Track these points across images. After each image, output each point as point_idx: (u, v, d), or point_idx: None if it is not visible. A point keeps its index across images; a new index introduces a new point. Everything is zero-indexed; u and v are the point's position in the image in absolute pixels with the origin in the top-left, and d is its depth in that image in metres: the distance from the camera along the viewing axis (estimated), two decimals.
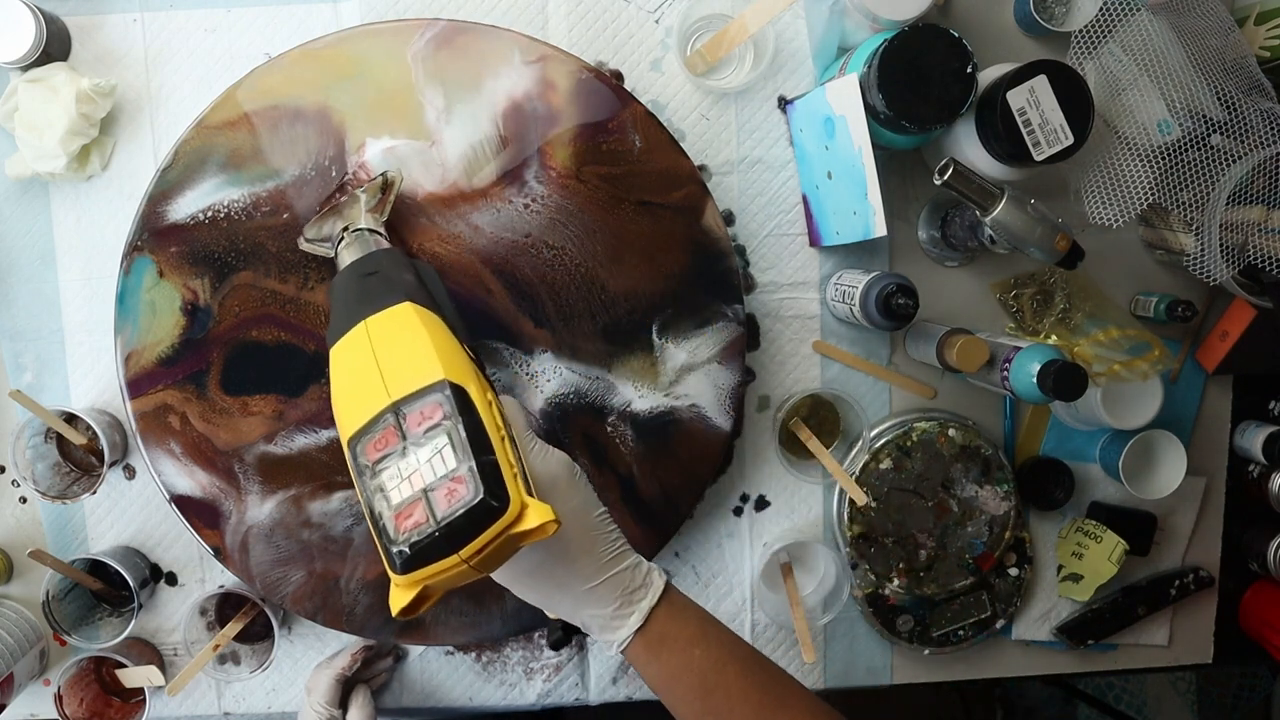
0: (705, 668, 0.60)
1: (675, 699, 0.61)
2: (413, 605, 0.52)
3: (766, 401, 0.91)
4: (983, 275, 0.92)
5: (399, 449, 0.52)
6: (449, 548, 0.49)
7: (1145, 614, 0.95)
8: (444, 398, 0.53)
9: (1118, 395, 0.88)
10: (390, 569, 0.51)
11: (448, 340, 0.59)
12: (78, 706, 0.87)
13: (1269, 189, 0.81)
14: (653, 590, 0.61)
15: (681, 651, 0.60)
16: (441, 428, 0.52)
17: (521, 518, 0.50)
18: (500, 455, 0.52)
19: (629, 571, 0.61)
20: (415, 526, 0.50)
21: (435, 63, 0.79)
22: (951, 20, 0.88)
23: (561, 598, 0.60)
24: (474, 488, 0.49)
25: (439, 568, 0.50)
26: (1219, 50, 0.80)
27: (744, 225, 0.90)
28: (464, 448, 0.51)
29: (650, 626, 0.60)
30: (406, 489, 0.51)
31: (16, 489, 0.90)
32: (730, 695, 0.60)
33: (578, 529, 0.59)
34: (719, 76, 0.89)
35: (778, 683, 0.61)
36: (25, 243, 0.88)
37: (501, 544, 0.50)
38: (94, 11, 0.87)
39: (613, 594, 0.60)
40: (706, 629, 0.62)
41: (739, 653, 0.62)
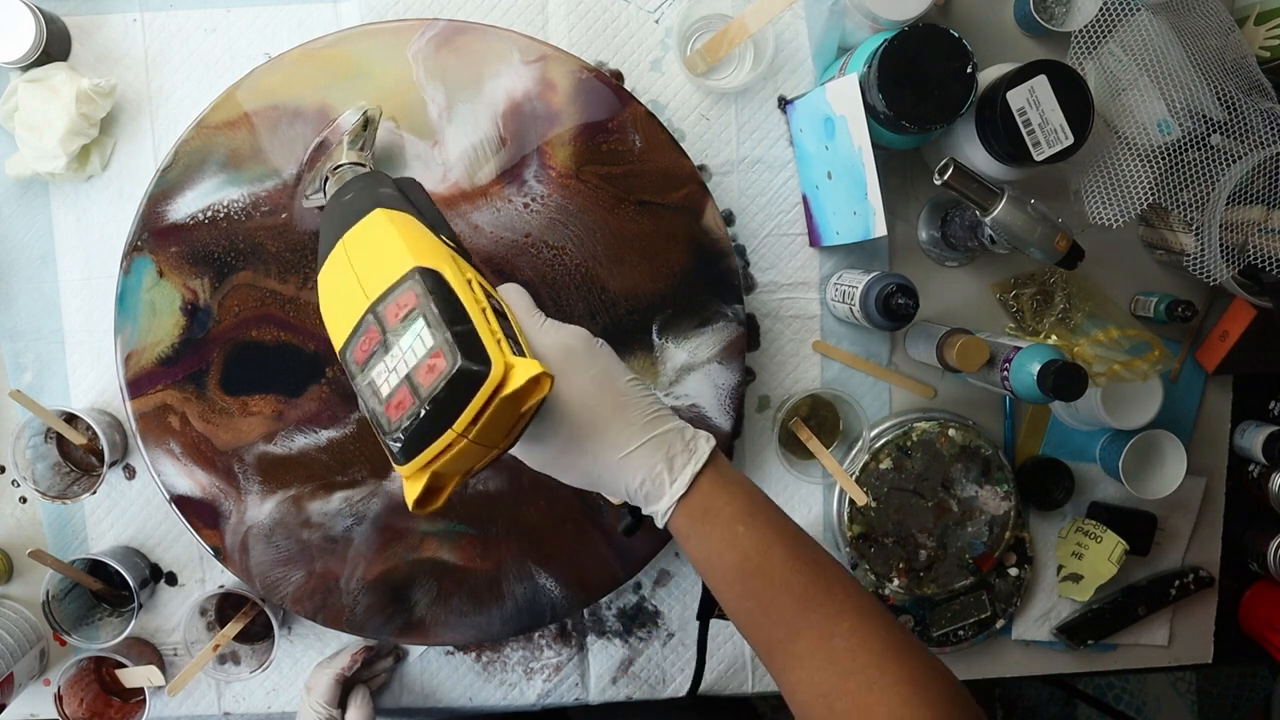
0: (749, 547, 0.56)
1: (715, 578, 0.58)
2: (426, 496, 0.51)
3: (766, 401, 0.91)
4: (983, 275, 0.92)
5: (382, 344, 0.51)
6: (441, 424, 0.48)
7: (1145, 614, 0.95)
8: (415, 283, 0.52)
9: (1118, 395, 0.88)
10: (394, 463, 0.50)
11: (419, 233, 0.58)
12: (78, 706, 0.87)
13: (1269, 189, 0.81)
14: (697, 456, 0.57)
15: (725, 527, 0.56)
16: (416, 310, 0.51)
17: (509, 378, 0.49)
18: (479, 323, 0.50)
19: (671, 435, 0.57)
20: (404, 411, 0.49)
21: (436, 61, 0.79)
22: (951, 20, 0.88)
23: (600, 471, 0.57)
24: (452, 357, 0.48)
25: (437, 447, 0.48)
26: (1219, 50, 0.80)
27: (744, 225, 0.90)
28: (439, 323, 0.50)
29: (693, 497, 0.56)
30: (394, 379, 0.50)
31: (16, 489, 0.90)
32: (773, 579, 0.56)
33: (603, 396, 0.57)
34: (719, 76, 0.89)
35: (826, 572, 0.57)
36: (25, 243, 0.88)
37: (497, 410, 0.49)
38: (94, 11, 0.87)
39: (653, 459, 0.56)
40: (754, 506, 0.58)
41: (786, 534, 0.58)
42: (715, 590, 0.58)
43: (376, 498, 0.82)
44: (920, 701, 0.52)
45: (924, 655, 0.54)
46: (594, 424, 0.56)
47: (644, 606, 0.92)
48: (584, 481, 0.59)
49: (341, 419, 0.81)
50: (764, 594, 0.56)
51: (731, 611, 0.58)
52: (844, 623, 0.54)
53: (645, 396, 0.58)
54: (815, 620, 0.54)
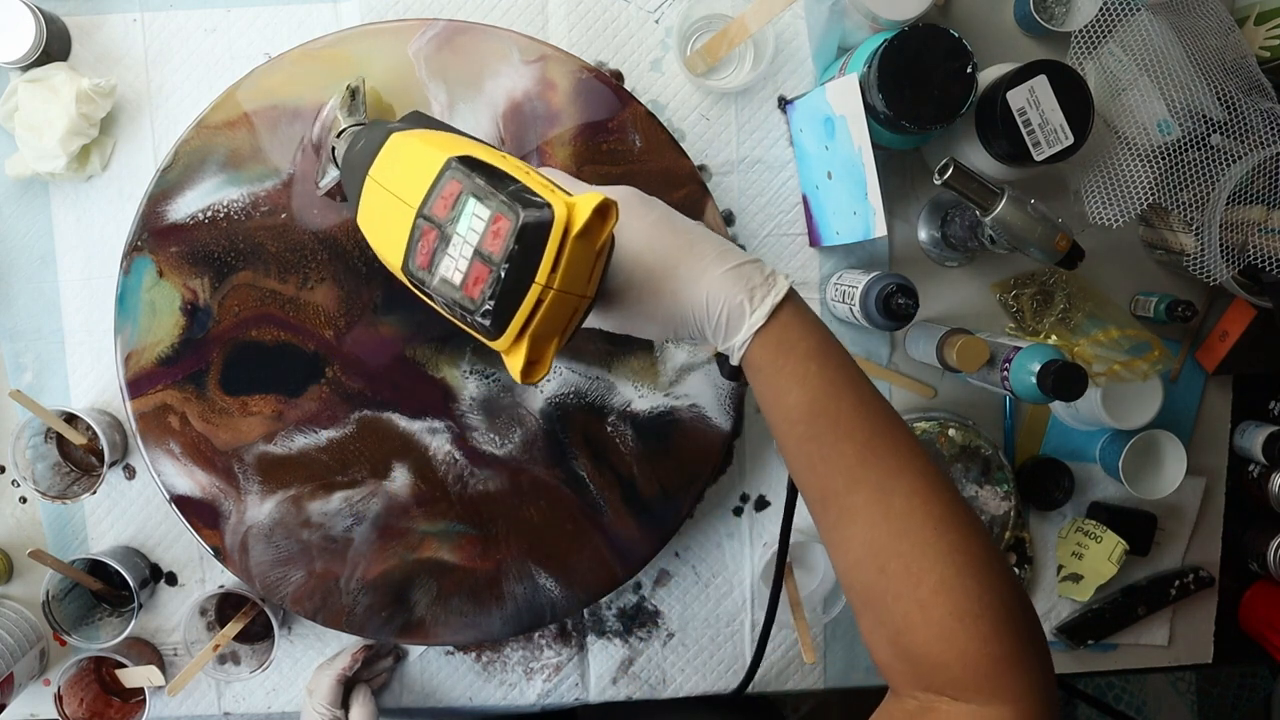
0: (818, 387, 0.54)
1: (780, 416, 0.56)
2: (531, 365, 0.50)
3: None
4: (983, 275, 0.92)
5: (441, 240, 0.51)
6: (523, 280, 0.48)
7: (1145, 614, 0.95)
8: (454, 171, 0.51)
9: (1118, 395, 0.88)
10: (488, 340, 0.50)
11: (442, 135, 0.57)
12: (78, 706, 0.87)
13: (1269, 189, 0.81)
14: (776, 289, 0.55)
15: (799, 363, 0.55)
16: (463, 193, 0.50)
17: (574, 215, 0.48)
18: (527, 180, 0.50)
19: (748, 267, 0.56)
20: (484, 282, 0.49)
21: (437, 61, 0.79)
22: (951, 20, 0.88)
23: (680, 310, 0.56)
24: (514, 214, 0.48)
25: (528, 305, 0.48)
26: (1219, 50, 0.80)
27: (744, 225, 0.90)
28: (489, 193, 0.49)
29: (770, 329, 0.55)
30: (463, 263, 0.50)
31: (16, 489, 0.90)
32: (839, 424, 0.54)
33: (668, 234, 0.56)
34: (719, 76, 0.89)
35: (893, 428, 0.55)
36: (25, 243, 0.88)
37: (574, 251, 0.48)
38: (94, 11, 0.87)
39: (733, 288, 0.55)
40: (828, 347, 0.56)
41: (858, 381, 0.56)
42: (778, 432, 0.57)
43: (376, 498, 0.82)
44: (972, 574, 0.50)
45: (983, 534, 0.53)
46: (666, 265, 0.56)
47: (644, 606, 0.92)
48: (666, 328, 0.58)
49: (341, 419, 0.81)
50: (828, 438, 0.54)
51: (792, 455, 0.56)
52: (904, 480, 0.53)
53: (710, 234, 0.57)
54: (876, 473, 0.53)
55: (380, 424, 0.81)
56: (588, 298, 0.52)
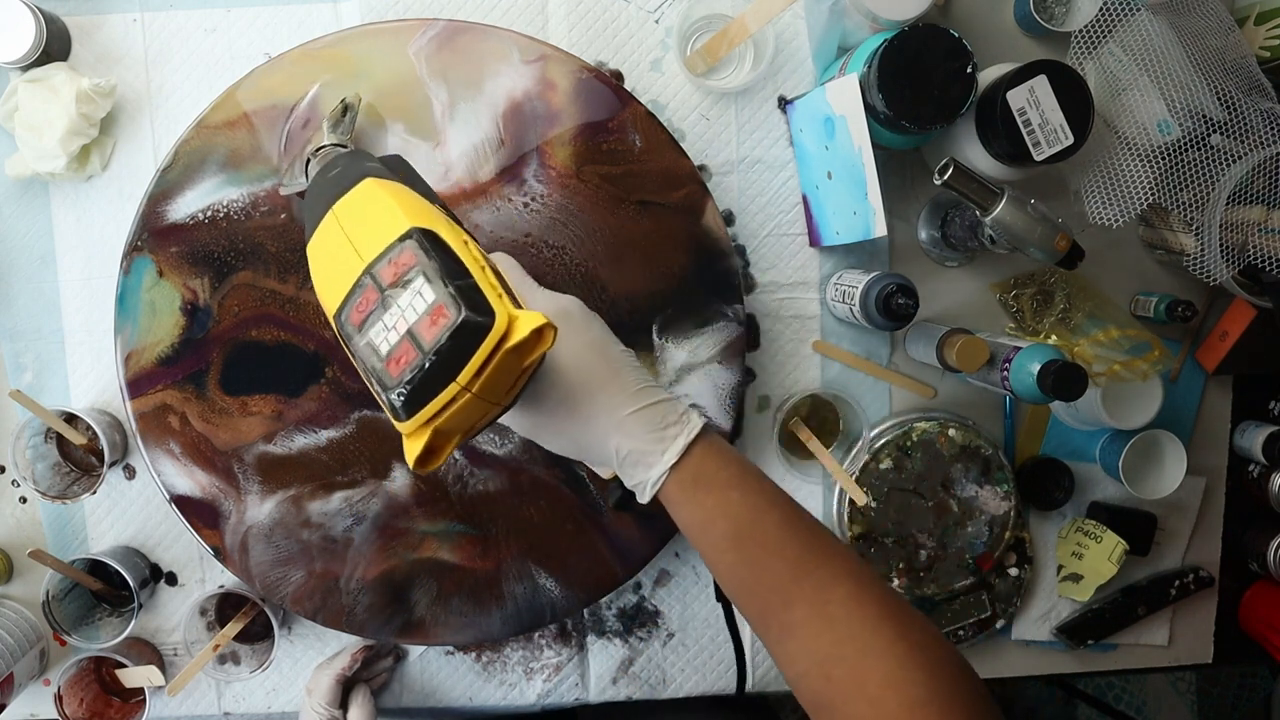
0: (741, 513, 0.56)
1: (708, 545, 0.57)
2: (427, 454, 0.50)
3: (766, 401, 0.91)
4: (983, 275, 0.92)
5: (380, 304, 0.51)
6: (445, 377, 0.48)
7: (1145, 614, 0.95)
8: (413, 243, 0.51)
9: (1118, 395, 0.88)
10: (396, 420, 0.50)
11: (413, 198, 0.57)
12: (78, 706, 0.87)
13: (1269, 189, 0.81)
14: (690, 428, 0.57)
15: (719, 494, 0.56)
16: (415, 269, 0.50)
17: (512, 329, 0.48)
18: (480, 277, 0.50)
19: (663, 406, 0.57)
20: (407, 365, 0.48)
21: (438, 61, 0.79)
22: (951, 20, 0.88)
23: (590, 437, 0.57)
24: (456, 309, 0.48)
25: (441, 400, 0.48)
26: (1219, 50, 0.80)
27: (744, 225, 0.90)
28: (440, 279, 0.49)
29: (685, 464, 0.56)
30: (394, 336, 0.50)
31: (16, 489, 0.90)
32: (766, 545, 0.55)
33: (597, 360, 0.57)
34: (719, 76, 0.89)
35: (820, 540, 0.56)
36: (25, 243, 0.88)
37: (501, 362, 0.48)
38: (94, 11, 0.87)
39: (645, 427, 0.56)
40: (747, 474, 0.58)
41: (780, 501, 0.57)
42: (709, 560, 0.58)
43: (376, 498, 0.82)
44: (915, 664, 0.51)
45: (920, 620, 0.54)
46: (587, 388, 0.56)
47: (644, 606, 0.92)
48: (572, 449, 0.59)
49: (341, 419, 0.81)
50: (758, 561, 0.55)
51: (725, 581, 0.57)
52: (839, 588, 0.54)
53: (637, 367, 0.58)
54: (810, 587, 0.54)
55: (380, 424, 0.81)
56: (502, 405, 0.52)
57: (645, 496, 0.58)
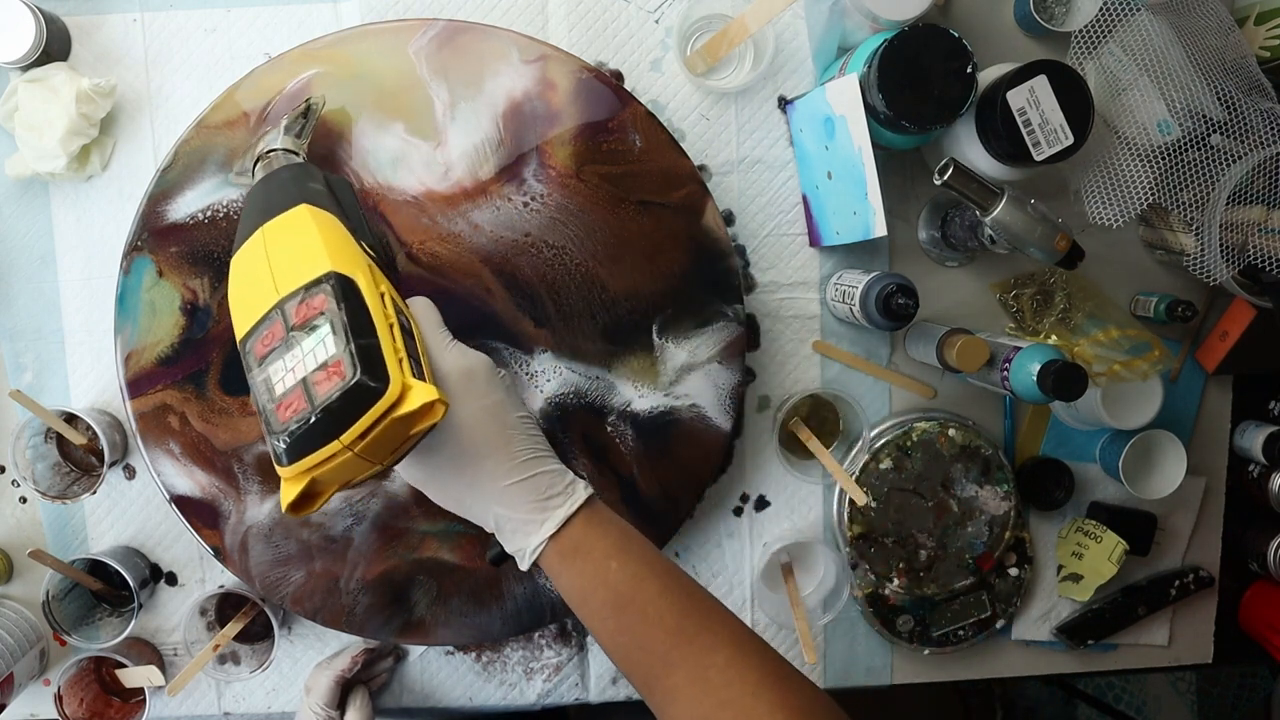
0: (621, 582, 0.57)
1: (588, 613, 0.58)
2: (302, 500, 0.51)
3: (766, 401, 0.91)
4: (983, 275, 0.92)
5: (284, 342, 0.51)
6: (329, 433, 0.48)
7: (1145, 614, 0.95)
8: (329, 287, 0.52)
9: (1118, 395, 0.88)
10: (276, 463, 0.50)
11: (340, 236, 0.58)
12: (78, 706, 0.87)
13: (1269, 189, 0.81)
14: (573, 499, 0.58)
15: (598, 564, 0.57)
16: (325, 316, 0.51)
17: (404, 399, 0.49)
18: (384, 339, 0.51)
19: (548, 476, 0.58)
20: (295, 414, 0.49)
21: (438, 60, 0.79)
22: (951, 20, 0.88)
23: (474, 499, 0.58)
24: (352, 370, 0.48)
25: (321, 455, 0.49)
26: (1219, 50, 0.80)
27: (744, 225, 0.90)
28: (345, 333, 0.50)
29: (565, 534, 0.57)
30: (290, 379, 0.50)
31: (16, 489, 0.90)
32: (645, 614, 0.56)
33: (493, 426, 0.57)
34: (719, 76, 0.89)
35: (700, 606, 0.57)
36: (25, 243, 0.88)
37: (387, 428, 0.49)
38: (94, 11, 0.87)
39: (527, 496, 0.57)
40: (628, 543, 0.59)
41: (659, 569, 0.58)
42: (590, 627, 0.59)
43: (376, 498, 0.82)
44: None
45: (803, 685, 0.55)
46: (477, 452, 0.57)
47: None
48: (455, 506, 0.59)
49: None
50: (637, 629, 0.56)
51: (607, 648, 0.58)
52: (719, 654, 0.55)
53: (532, 435, 0.59)
54: (690, 653, 0.55)
55: None
56: (385, 465, 0.52)
57: (524, 564, 0.58)
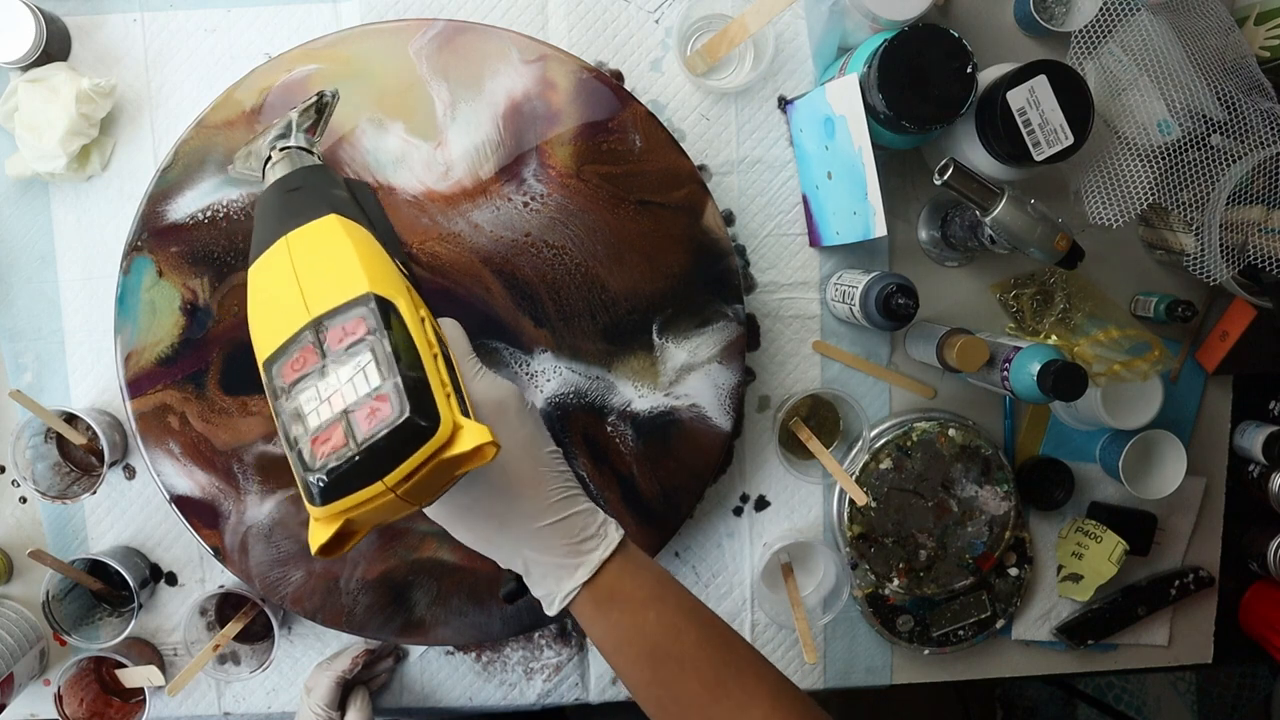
0: (658, 633, 0.54)
1: (623, 663, 0.56)
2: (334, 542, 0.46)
3: (766, 401, 0.91)
4: (983, 275, 0.92)
5: (318, 368, 0.47)
6: (372, 474, 0.44)
7: (1145, 614, 0.95)
8: (368, 311, 0.47)
9: (1118, 395, 0.88)
10: (308, 501, 0.46)
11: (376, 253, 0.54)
12: (78, 706, 0.87)
13: (1269, 189, 0.81)
14: (607, 542, 0.55)
15: (634, 613, 0.54)
16: (365, 343, 0.47)
17: (454, 440, 0.45)
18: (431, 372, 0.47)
19: (582, 516, 0.55)
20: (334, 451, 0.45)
21: (438, 60, 0.79)
22: (951, 20, 0.88)
23: (503, 539, 0.55)
24: (399, 406, 0.44)
25: (362, 497, 0.45)
26: (1219, 50, 0.80)
27: (744, 225, 0.90)
28: (389, 363, 0.46)
29: (600, 580, 0.54)
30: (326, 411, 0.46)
31: (16, 489, 0.90)
32: (683, 666, 0.54)
33: (525, 463, 0.54)
34: (719, 76, 0.89)
35: (738, 656, 0.55)
36: (25, 243, 0.88)
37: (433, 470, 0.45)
38: (94, 11, 0.87)
39: (561, 539, 0.54)
40: (664, 591, 0.56)
41: (698, 618, 0.56)
42: (622, 675, 0.57)
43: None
44: None
45: None
46: (508, 490, 0.54)
47: None
48: (483, 546, 0.56)
49: None
50: (674, 681, 0.54)
51: (640, 699, 0.56)
52: (756, 709, 0.53)
53: (563, 472, 0.56)
54: (727, 708, 0.53)
55: None
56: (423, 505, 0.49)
57: (553, 609, 0.56)
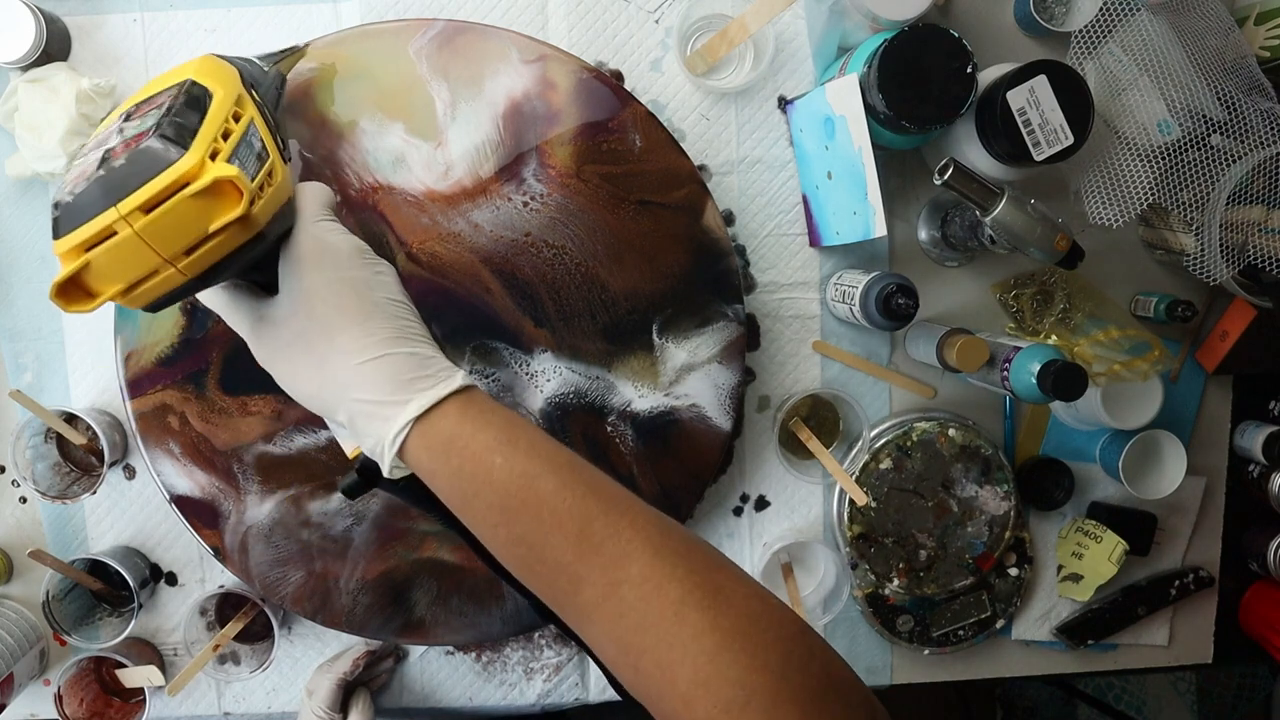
0: (508, 481, 0.47)
1: (476, 520, 0.49)
2: (72, 288, 0.43)
3: (766, 401, 0.91)
4: (983, 275, 0.92)
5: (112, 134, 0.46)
6: (108, 199, 0.42)
7: (1145, 614, 0.95)
8: (177, 89, 0.46)
9: (1118, 395, 0.88)
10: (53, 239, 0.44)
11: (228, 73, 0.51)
12: (78, 706, 0.87)
13: (1269, 189, 0.81)
14: (444, 383, 0.49)
15: (478, 459, 0.48)
16: (162, 106, 0.45)
17: (198, 175, 0.42)
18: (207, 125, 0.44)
19: (414, 358, 0.49)
20: (79, 178, 0.43)
21: (439, 60, 0.79)
22: (951, 20, 0.88)
23: (323, 381, 0.50)
24: (150, 139, 0.43)
25: (97, 224, 0.42)
26: (1219, 50, 0.80)
27: (744, 225, 0.90)
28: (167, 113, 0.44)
29: (434, 423, 0.48)
30: (95, 156, 0.44)
31: (16, 489, 0.90)
32: (540, 518, 0.47)
33: (351, 298, 0.50)
34: (719, 76, 0.89)
35: (608, 503, 0.48)
36: (25, 243, 0.88)
37: (175, 208, 0.42)
38: (94, 11, 0.87)
39: (386, 376, 0.48)
40: (514, 434, 0.49)
41: (557, 463, 0.48)
42: (480, 536, 0.50)
43: (376, 498, 0.82)
44: (730, 658, 0.43)
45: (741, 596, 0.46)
46: (329, 323, 0.49)
47: None
48: (305, 394, 0.51)
49: None
50: (534, 537, 0.47)
51: (505, 560, 0.49)
52: (632, 566, 0.46)
53: (400, 318, 0.51)
54: (599, 564, 0.46)
55: None
56: (176, 269, 0.45)
57: (386, 462, 0.49)
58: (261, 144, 0.50)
